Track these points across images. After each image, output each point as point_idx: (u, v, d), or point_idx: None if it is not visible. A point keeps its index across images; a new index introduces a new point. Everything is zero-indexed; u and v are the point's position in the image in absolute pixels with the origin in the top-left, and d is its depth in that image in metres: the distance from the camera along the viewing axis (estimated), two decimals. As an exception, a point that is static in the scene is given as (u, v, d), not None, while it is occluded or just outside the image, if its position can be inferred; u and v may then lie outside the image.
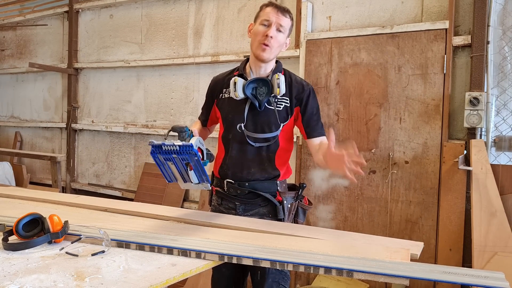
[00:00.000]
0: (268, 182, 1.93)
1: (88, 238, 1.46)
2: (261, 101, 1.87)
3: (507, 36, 2.86)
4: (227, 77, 2.02)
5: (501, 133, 2.88)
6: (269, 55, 1.88)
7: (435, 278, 1.21)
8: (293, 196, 1.97)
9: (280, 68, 1.96)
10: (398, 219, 3.12)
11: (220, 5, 4.11)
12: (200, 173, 1.60)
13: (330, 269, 1.27)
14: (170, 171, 1.61)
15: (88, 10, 5.07)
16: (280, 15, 1.87)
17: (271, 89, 1.85)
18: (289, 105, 1.93)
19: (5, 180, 4.67)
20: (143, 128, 4.58)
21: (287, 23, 1.89)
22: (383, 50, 3.17)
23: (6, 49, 5.93)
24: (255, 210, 1.94)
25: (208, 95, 2.10)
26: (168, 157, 1.54)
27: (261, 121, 1.90)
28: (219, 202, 2.02)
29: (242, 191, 1.94)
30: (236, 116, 1.92)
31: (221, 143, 2.01)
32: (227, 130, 1.97)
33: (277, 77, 1.83)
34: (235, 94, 1.85)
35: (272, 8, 1.88)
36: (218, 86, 2.04)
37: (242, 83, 1.86)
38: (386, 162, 3.16)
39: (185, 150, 1.51)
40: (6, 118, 5.94)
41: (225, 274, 2.01)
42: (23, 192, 2.39)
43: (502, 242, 2.58)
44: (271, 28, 1.85)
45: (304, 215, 2.01)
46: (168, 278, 1.18)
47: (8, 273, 1.18)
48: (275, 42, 1.86)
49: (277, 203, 1.92)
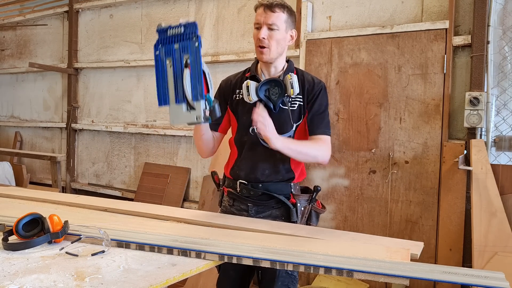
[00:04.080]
0: (282, 184, 1.90)
1: (88, 238, 1.46)
2: (275, 102, 1.84)
3: (507, 36, 2.86)
4: (239, 79, 1.98)
5: (501, 133, 2.88)
6: (269, 55, 1.85)
7: (435, 278, 1.21)
8: (307, 199, 1.93)
9: (292, 68, 1.93)
10: (398, 219, 3.12)
11: (220, 5, 4.11)
12: (196, 77, 1.49)
13: (330, 269, 1.26)
14: (166, 79, 1.52)
15: (88, 10, 5.07)
16: (269, 12, 1.82)
17: (284, 89, 1.82)
18: (303, 104, 1.90)
19: (5, 180, 4.66)
20: (143, 128, 4.58)
21: (278, 18, 1.83)
22: (383, 50, 3.17)
23: (6, 49, 5.93)
24: (268, 212, 1.91)
25: (220, 98, 2.01)
26: (170, 48, 1.49)
27: (276, 121, 1.83)
28: (231, 203, 1.98)
29: (255, 192, 1.90)
30: (250, 118, 1.85)
31: (234, 145, 1.97)
32: (241, 133, 1.94)
33: (290, 77, 1.80)
34: (249, 98, 1.81)
35: (260, 8, 1.85)
36: (229, 88, 1.99)
37: (255, 86, 1.82)
38: (386, 162, 3.16)
39: (191, 30, 1.49)
40: (6, 118, 5.94)
41: (232, 276, 1.96)
42: (23, 192, 2.38)
43: (502, 242, 2.58)
44: (261, 30, 1.83)
45: (317, 218, 1.96)
46: (168, 278, 1.18)
47: (8, 273, 1.18)
48: (271, 42, 1.83)
49: (291, 206, 1.88)
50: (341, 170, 3.32)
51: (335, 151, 3.32)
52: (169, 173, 4.31)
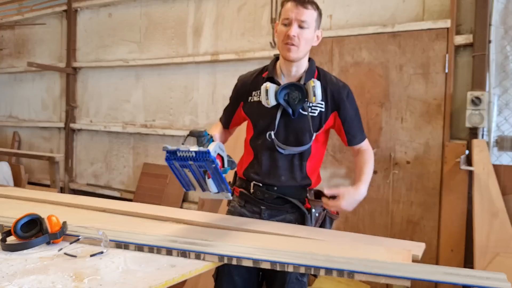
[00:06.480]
0: (298, 189, 1.85)
1: (86, 238, 1.45)
2: (295, 107, 1.75)
3: (509, 35, 2.85)
4: (255, 79, 1.89)
5: (503, 133, 2.87)
6: (297, 54, 1.75)
7: (436, 279, 1.20)
8: (322, 205, 1.85)
9: (313, 68, 1.84)
10: (399, 219, 3.10)
11: (219, 4, 4.09)
12: (219, 181, 1.48)
13: (331, 270, 1.26)
14: (187, 178, 1.51)
15: (87, 9, 5.05)
16: (301, 8, 1.71)
17: (305, 95, 1.72)
18: (324, 110, 1.80)
19: (3, 180, 4.65)
20: (142, 128, 4.56)
21: (310, 16, 1.72)
22: (384, 49, 3.16)
23: (4, 49, 5.92)
24: (282, 217, 1.85)
25: (234, 97, 1.95)
26: (184, 163, 1.43)
27: (294, 128, 1.78)
28: (242, 204, 1.90)
29: (270, 195, 1.83)
30: (267, 123, 1.80)
31: (249, 146, 1.90)
32: (257, 136, 1.86)
33: (313, 84, 1.70)
34: (267, 102, 1.73)
35: (291, 3, 1.73)
36: (245, 88, 1.90)
37: (274, 90, 1.73)
38: (387, 162, 3.15)
39: (202, 157, 1.39)
40: (4, 118, 5.92)
41: (237, 282, 1.85)
42: (21, 193, 2.37)
43: (504, 243, 2.58)
44: (292, 27, 1.71)
45: (331, 225, 1.92)
46: (167, 279, 1.17)
47: (7, 274, 1.17)
48: (300, 40, 1.72)
49: (306, 211, 1.83)
50: (342, 170, 3.31)
51: (336, 151, 3.30)
52: (168, 174, 4.29)
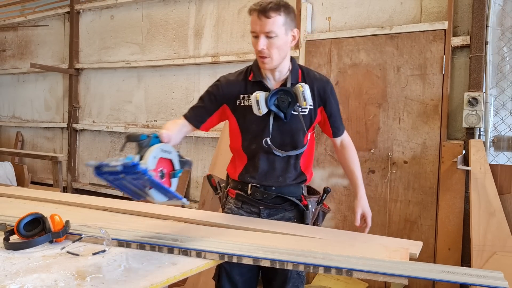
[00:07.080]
0: (295, 187, 1.87)
1: (89, 237, 1.47)
2: (286, 111, 1.76)
3: (505, 37, 2.87)
4: (242, 81, 1.86)
5: (500, 133, 2.89)
6: (271, 64, 1.75)
7: (434, 278, 1.22)
8: (316, 200, 1.92)
9: (296, 67, 1.85)
10: (397, 218, 3.13)
11: (220, 6, 4.12)
12: (162, 191, 1.33)
13: (330, 268, 1.27)
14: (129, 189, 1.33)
15: (89, 11, 5.08)
16: (264, 19, 1.67)
17: (295, 99, 1.73)
18: (313, 107, 1.84)
19: (6, 180, 4.68)
20: (143, 128, 4.59)
21: (276, 24, 1.68)
22: (382, 51, 3.18)
23: (7, 50, 5.94)
24: (281, 215, 1.87)
25: (214, 97, 1.87)
26: (116, 177, 1.24)
27: (288, 130, 1.80)
28: (239, 206, 1.89)
29: (268, 195, 1.84)
30: (260, 128, 1.80)
31: (242, 152, 1.88)
32: (250, 141, 1.84)
33: (302, 89, 1.71)
34: (259, 112, 1.73)
35: (254, 15, 1.70)
36: (230, 89, 1.85)
37: (264, 98, 1.73)
38: (385, 162, 3.17)
39: (130, 171, 1.20)
40: (8, 119, 5.95)
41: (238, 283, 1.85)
42: (24, 192, 2.40)
43: (500, 241, 2.59)
44: (259, 41, 1.70)
45: (323, 218, 1.97)
46: (169, 277, 1.19)
47: (10, 272, 1.19)
48: (271, 50, 1.71)
49: (304, 208, 1.86)
50: (340, 170, 3.32)
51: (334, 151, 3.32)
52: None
